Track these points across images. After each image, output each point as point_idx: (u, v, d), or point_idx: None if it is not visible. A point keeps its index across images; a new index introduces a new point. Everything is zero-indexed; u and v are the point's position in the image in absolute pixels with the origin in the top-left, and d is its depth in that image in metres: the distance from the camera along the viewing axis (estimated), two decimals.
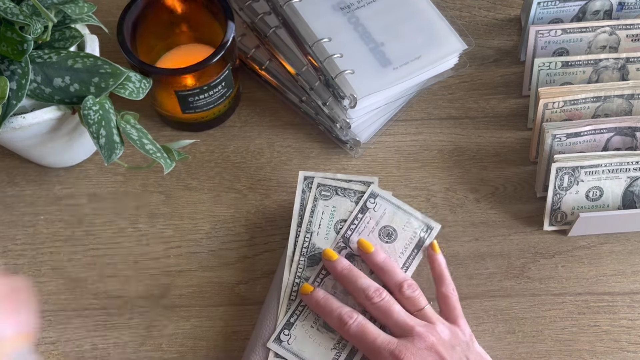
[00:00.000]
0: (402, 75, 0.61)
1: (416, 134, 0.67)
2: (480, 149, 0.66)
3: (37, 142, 0.57)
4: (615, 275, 0.60)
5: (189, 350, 0.57)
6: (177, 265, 0.61)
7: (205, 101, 0.62)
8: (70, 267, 0.60)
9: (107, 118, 0.53)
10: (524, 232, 0.62)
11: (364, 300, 0.52)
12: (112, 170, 0.65)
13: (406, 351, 0.48)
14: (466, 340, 0.51)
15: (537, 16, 0.67)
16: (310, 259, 0.56)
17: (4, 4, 0.51)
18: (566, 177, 0.59)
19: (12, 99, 0.51)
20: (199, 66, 0.58)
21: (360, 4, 0.64)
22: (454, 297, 0.54)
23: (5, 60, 0.52)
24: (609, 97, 0.62)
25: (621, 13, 0.68)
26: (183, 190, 0.64)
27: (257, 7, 0.66)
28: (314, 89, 0.63)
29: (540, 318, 0.58)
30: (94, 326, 0.58)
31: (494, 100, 0.69)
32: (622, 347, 0.57)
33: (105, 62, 0.53)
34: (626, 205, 0.61)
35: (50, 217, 0.63)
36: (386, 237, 0.56)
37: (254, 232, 0.62)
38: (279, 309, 0.54)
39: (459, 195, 0.64)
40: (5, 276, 0.43)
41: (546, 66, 0.64)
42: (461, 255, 0.61)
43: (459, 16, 0.73)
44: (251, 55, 0.68)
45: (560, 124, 0.61)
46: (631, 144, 0.61)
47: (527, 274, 0.60)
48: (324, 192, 0.58)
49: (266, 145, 0.66)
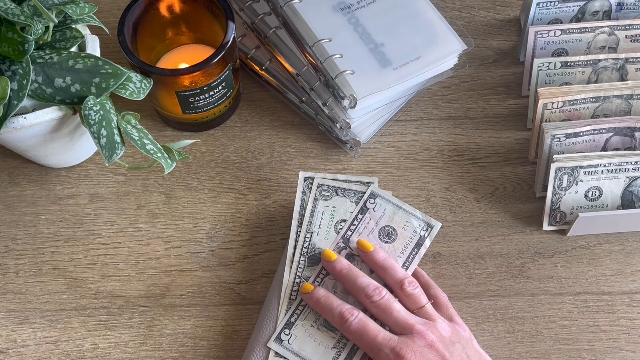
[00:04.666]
0: (402, 76, 0.61)
1: (416, 134, 0.67)
2: (479, 149, 0.66)
3: (38, 142, 0.58)
4: (614, 275, 0.60)
5: (190, 349, 0.57)
6: (178, 265, 0.61)
7: (205, 101, 0.62)
8: (71, 266, 0.61)
9: (108, 118, 0.53)
10: (523, 232, 0.62)
11: (364, 298, 0.52)
12: (112, 171, 0.65)
13: (407, 348, 0.49)
14: (467, 337, 0.52)
15: (537, 17, 0.67)
16: (310, 259, 0.56)
17: (5, 5, 0.51)
18: (565, 177, 0.59)
19: (13, 99, 0.51)
20: (199, 67, 0.58)
21: (360, 4, 0.64)
22: (444, 297, 0.54)
23: (6, 60, 0.52)
24: (608, 97, 0.62)
25: (620, 13, 0.68)
26: (183, 190, 0.64)
27: (258, 8, 0.67)
28: (314, 89, 0.63)
29: (540, 317, 0.59)
30: (94, 326, 0.58)
31: (494, 100, 0.69)
32: (621, 346, 0.57)
33: (106, 62, 0.53)
34: (625, 205, 0.61)
35: (51, 217, 0.63)
36: (386, 237, 0.57)
37: (254, 232, 0.62)
38: (280, 308, 0.55)
39: (458, 195, 0.64)
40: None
41: (545, 66, 0.64)
42: (461, 255, 0.61)
43: (458, 17, 0.74)
44: (251, 56, 0.68)
45: (560, 124, 0.61)
46: (630, 144, 0.61)
47: (526, 274, 0.60)
48: (324, 192, 0.58)
49: (266, 146, 0.67)
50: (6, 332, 0.58)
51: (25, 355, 0.57)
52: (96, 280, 0.60)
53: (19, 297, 0.59)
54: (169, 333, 0.58)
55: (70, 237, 0.62)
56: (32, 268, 0.60)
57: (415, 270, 0.56)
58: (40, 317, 0.58)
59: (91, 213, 0.63)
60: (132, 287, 0.60)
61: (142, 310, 0.59)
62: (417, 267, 0.56)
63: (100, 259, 0.61)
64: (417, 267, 0.56)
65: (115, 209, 0.63)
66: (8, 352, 0.57)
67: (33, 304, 0.59)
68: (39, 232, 0.62)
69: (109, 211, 0.63)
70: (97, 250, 0.61)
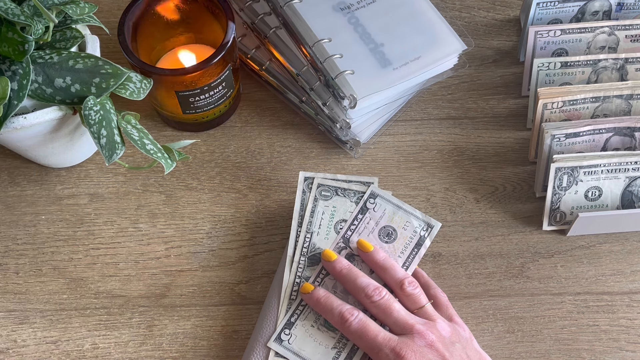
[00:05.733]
0: (401, 76, 0.61)
1: (416, 134, 0.67)
2: (479, 149, 0.66)
3: (39, 142, 0.58)
4: (614, 274, 0.60)
5: (190, 349, 0.57)
6: (178, 265, 0.61)
7: (205, 101, 0.62)
8: (71, 266, 0.61)
9: (108, 118, 0.53)
10: (523, 232, 0.62)
11: (364, 298, 0.52)
12: (113, 170, 0.65)
13: (407, 348, 0.49)
14: (466, 337, 0.52)
15: (537, 17, 0.67)
16: (310, 259, 0.56)
17: (5, 5, 0.51)
18: (565, 177, 0.59)
19: (13, 99, 0.51)
20: (199, 66, 0.58)
21: (361, 4, 0.64)
22: (444, 297, 0.54)
23: (6, 60, 0.52)
24: (608, 97, 0.62)
25: (620, 13, 0.68)
26: (183, 190, 0.64)
27: (258, 8, 0.67)
28: (314, 89, 0.63)
29: (540, 317, 0.59)
30: (94, 325, 0.58)
31: (494, 100, 0.69)
32: (621, 346, 0.57)
33: (106, 62, 0.53)
34: (625, 205, 0.61)
35: (52, 217, 0.63)
36: (386, 237, 0.57)
37: (254, 231, 0.62)
38: (280, 308, 0.55)
39: (458, 195, 0.64)
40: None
41: (545, 66, 0.64)
42: (461, 254, 0.61)
43: (458, 17, 0.74)
44: (251, 56, 0.68)
45: (560, 124, 0.61)
46: (630, 144, 0.62)
47: (526, 274, 0.60)
48: (324, 192, 0.58)
49: (266, 145, 0.67)
50: (6, 332, 0.58)
51: (25, 355, 0.57)
52: (96, 280, 0.60)
53: (19, 297, 0.59)
54: (169, 333, 0.58)
55: (70, 237, 0.62)
56: (32, 268, 0.60)
57: (415, 271, 0.56)
58: (41, 317, 0.59)
59: (91, 213, 0.63)
60: (132, 287, 0.60)
61: (142, 310, 0.59)
62: (417, 267, 0.56)
63: (101, 259, 0.61)
64: (417, 267, 0.56)
65: (115, 209, 0.63)
66: (8, 352, 0.57)
67: (33, 304, 0.59)
68: (39, 232, 0.62)
69: (109, 211, 0.63)
70: (97, 250, 0.61)
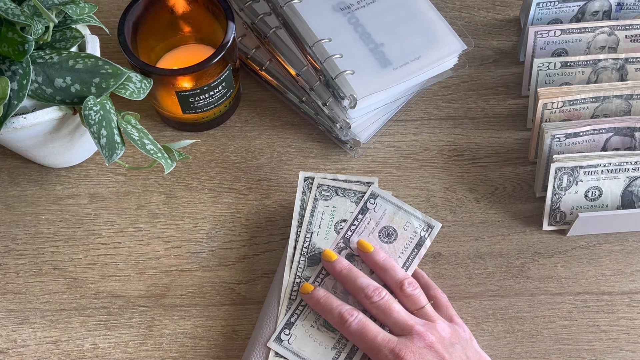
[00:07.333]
0: (402, 76, 0.61)
1: (416, 134, 0.67)
2: (479, 149, 0.66)
3: (38, 142, 0.58)
4: (614, 274, 0.60)
5: (190, 349, 0.57)
6: (178, 265, 0.61)
7: (205, 101, 0.62)
8: (71, 266, 0.61)
9: (108, 118, 0.53)
10: (523, 232, 0.62)
11: (363, 299, 0.52)
12: (113, 171, 0.65)
13: (406, 349, 0.49)
14: (466, 338, 0.52)
15: (537, 17, 0.67)
16: (310, 259, 0.56)
17: (5, 5, 0.51)
18: (565, 177, 0.59)
19: (13, 99, 0.51)
20: (199, 67, 0.58)
21: (360, 4, 0.64)
22: (444, 297, 0.54)
23: (6, 60, 0.52)
24: (607, 97, 0.62)
25: (620, 13, 0.68)
26: (183, 190, 0.64)
27: (258, 8, 0.67)
28: (314, 90, 0.63)
29: (540, 317, 0.59)
30: (94, 326, 0.58)
31: (494, 100, 0.69)
32: (621, 346, 0.57)
33: (106, 62, 0.53)
34: (625, 205, 0.61)
35: (52, 217, 0.63)
36: (386, 237, 0.57)
37: (254, 231, 0.62)
38: (279, 308, 0.55)
39: (458, 195, 0.64)
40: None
41: (545, 66, 0.64)
42: (461, 255, 0.61)
43: (458, 17, 0.74)
44: (251, 56, 0.68)
45: (560, 124, 0.61)
46: (630, 144, 0.62)
47: (526, 274, 0.60)
48: (324, 192, 0.58)
49: (266, 145, 0.67)
50: (6, 332, 0.58)
51: (25, 355, 0.57)
52: (96, 280, 0.60)
53: (19, 297, 0.59)
54: (169, 333, 0.58)
55: (70, 237, 0.62)
56: (32, 268, 0.60)
57: (415, 271, 0.56)
58: (41, 317, 0.59)
59: (91, 213, 0.63)
60: (132, 287, 0.60)
61: (142, 310, 0.59)
62: (417, 268, 0.56)
63: (100, 259, 0.61)
64: (417, 268, 0.56)
65: (115, 209, 0.63)
66: (8, 352, 0.57)
67: (33, 304, 0.59)
68: (39, 232, 0.62)
69: (109, 211, 0.63)
70: (97, 250, 0.61)
